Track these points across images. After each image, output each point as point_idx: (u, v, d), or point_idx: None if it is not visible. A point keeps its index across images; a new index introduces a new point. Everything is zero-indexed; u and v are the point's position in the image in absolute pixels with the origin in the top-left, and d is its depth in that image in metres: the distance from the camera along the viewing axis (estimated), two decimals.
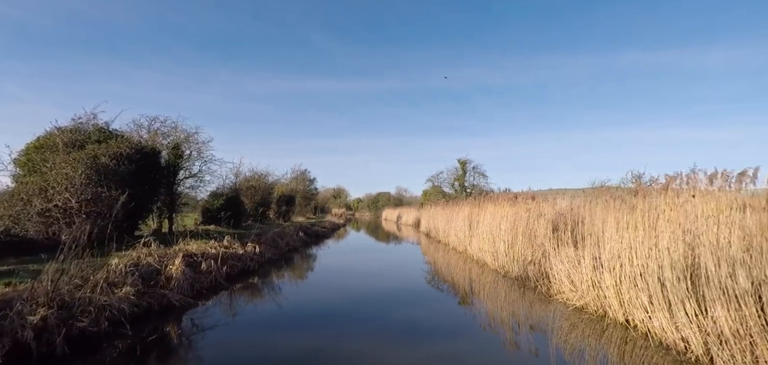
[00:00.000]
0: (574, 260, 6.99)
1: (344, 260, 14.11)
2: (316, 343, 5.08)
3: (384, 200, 67.09)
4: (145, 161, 11.37)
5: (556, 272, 7.55)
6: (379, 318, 6.56)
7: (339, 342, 5.18)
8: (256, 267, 10.51)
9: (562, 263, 7.38)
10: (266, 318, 6.39)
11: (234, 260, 9.75)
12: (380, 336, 5.55)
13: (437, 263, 13.38)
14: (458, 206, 17.52)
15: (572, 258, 7.04)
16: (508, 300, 7.76)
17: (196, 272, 7.92)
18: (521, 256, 9.75)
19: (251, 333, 5.64)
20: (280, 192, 28.49)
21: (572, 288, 6.82)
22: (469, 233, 14.61)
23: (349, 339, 5.33)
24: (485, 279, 9.94)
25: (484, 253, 11.95)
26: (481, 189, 31.03)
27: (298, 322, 6.20)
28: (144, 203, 11.89)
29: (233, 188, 20.92)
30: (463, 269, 11.74)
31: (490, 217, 12.09)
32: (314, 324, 6.11)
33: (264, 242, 13.58)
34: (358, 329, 5.90)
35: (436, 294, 8.83)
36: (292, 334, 5.50)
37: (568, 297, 6.91)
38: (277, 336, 5.52)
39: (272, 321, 6.28)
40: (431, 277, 10.74)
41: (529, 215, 10.16)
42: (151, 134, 14.56)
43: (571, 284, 6.87)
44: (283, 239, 15.55)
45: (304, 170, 39.21)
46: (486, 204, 13.09)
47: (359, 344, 5.15)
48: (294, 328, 5.84)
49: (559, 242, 8.16)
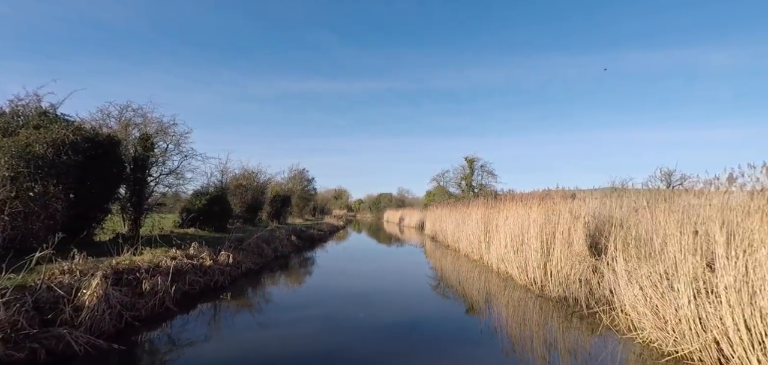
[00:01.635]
0: (658, 281, 4.90)
1: (339, 270, 12.05)
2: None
3: (386, 201, 65.27)
4: (97, 151, 9.36)
5: (625, 298, 5.47)
6: (379, 356, 4.54)
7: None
8: (227, 282, 8.47)
9: (635, 286, 5.30)
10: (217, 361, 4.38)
11: (197, 274, 7.72)
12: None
13: (448, 274, 11.30)
14: (469, 207, 15.44)
15: (655, 280, 4.95)
16: (563, 339, 5.67)
17: (134, 294, 5.89)
18: (562, 270, 7.67)
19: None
20: (274, 192, 26.48)
21: (660, 324, 4.73)
22: (485, 238, 12.52)
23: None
24: (514, 299, 7.86)
25: (507, 264, 9.87)
26: (491, 189, 28.94)
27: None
28: (98, 202, 9.89)
29: (219, 186, 18.92)
30: (482, 283, 9.67)
31: (513, 220, 10.01)
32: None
33: (245, 249, 11.55)
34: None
35: (454, 320, 6.76)
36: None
37: (651, 336, 4.84)
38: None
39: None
40: (443, 293, 8.68)
41: (565, 219, 8.09)
42: (122, 124, 12.61)
43: (657, 317, 4.79)
44: (270, 245, 13.51)
45: (302, 169, 37.19)
46: (506, 204, 11.02)
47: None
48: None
49: (617, 252, 6.09)
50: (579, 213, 8.34)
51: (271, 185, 27.47)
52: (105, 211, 10.18)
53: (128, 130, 12.61)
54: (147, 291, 6.10)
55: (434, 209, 24.75)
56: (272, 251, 13.20)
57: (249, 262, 10.74)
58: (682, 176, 19.88)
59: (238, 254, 10.53)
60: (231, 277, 8.85)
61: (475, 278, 10.43)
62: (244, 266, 10.06)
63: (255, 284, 9.01)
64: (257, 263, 11.23)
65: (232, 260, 9.29)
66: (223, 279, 8.41)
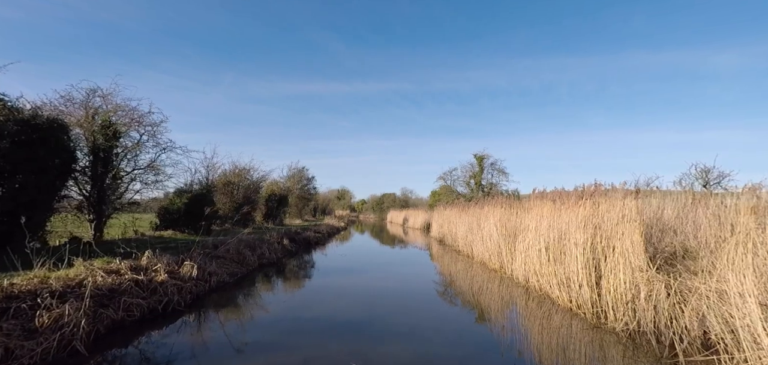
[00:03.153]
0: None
1: (334, 284, 10.16)
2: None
3: (389, 201, 63.43)
4: (31, 137, 7.55)
5: (755, 334, 3.52)
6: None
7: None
8: (186, 302, 6.60)
9: None
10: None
11: (139, 294, 5.85)
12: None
13: (465, 289, 9.36)
14: (484, 207, 13.48)
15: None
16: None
17: (24, 331, 4.03)
18: (623, 290, 5.72)
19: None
20: (269, 191, 24.66)
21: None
22: (507, 245, 10.56)
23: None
24: (559, 329, 5.91)
25: (541, 278, 7.92)
26: (503, 190, 26.96)
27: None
28: (37, 198, 8.06)
29: (204, 184, 17.12)
30: (511, 304, 7.72)
31: (548, 223, 8.06)
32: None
33: (220, 256, 9.69)
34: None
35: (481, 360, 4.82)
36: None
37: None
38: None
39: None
40: (464, 318, 6.75)
41: (631, 221, 6.13)
42: (88, 111, 10.82)
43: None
44: (255, 250, 11.64)
45: (302, 168, 35.35)
46: (535, 204, 9.06)
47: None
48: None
49: (730, 267, 4.14)
50: (635, 216, 6.40)
51: (267, 184, 25.67)
52: (45, 210, 8.34)
53: (95, 118, 10.83)
54: (45, 325, 4.23)
55: (442, 210, 22.79)
56: (257, 258, 11.32)
57: (224, 273, 8.87)
58: (720, 174, 17.76)
59: (211, 263, 8.67)
60: (193, 295, 6.98)
61: (503, 297, 8.49)
62: (215, 279, 8.18)
63: (224, 304, 7.11)
64: (235, 274, 9.35)
65: (196, 272, 7.41)
66: (181, 299, 6.53)
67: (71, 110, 10.67)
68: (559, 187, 9.04)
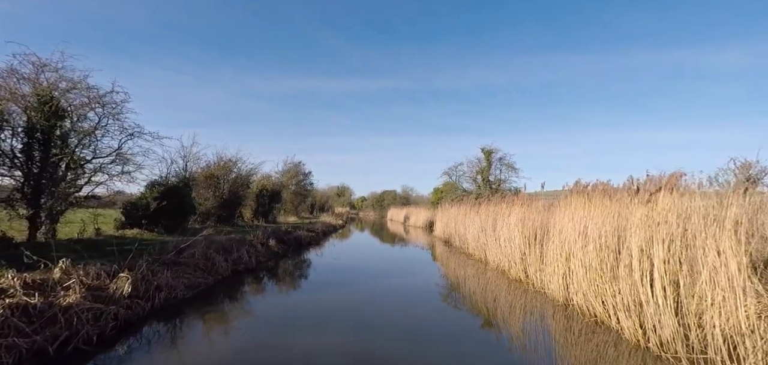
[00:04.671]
0: None
1: (321, 300, 8.29)
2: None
3: (390, 198, 61.55)
4: None
5: None
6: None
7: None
8: (103, 334, 4.72)
9: None
10: None
11: (15, 331, 3.96)
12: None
13: (482, 304, 7.48)
14: (500, 206, 11.58)
15: None
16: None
17: None
18: (721, 320, 3.82)
19: None
20: (260, 186, 22.76)
21: None
22: (533, 252, 8.67)
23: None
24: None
25: (588, 299, 6.02)
26: (512, 186, 25.03)
27: None
28: None
29: (182, 176, 15.24)
30: (544, 327, 5.83)
31: (595, 226, 6.17)
32: None
33: (183, 263, 7.82)
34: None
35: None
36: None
37: None
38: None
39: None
40: (489, 347, 4.88)
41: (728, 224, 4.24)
42: (36, 89, 8.94)
43: None
44: (230, 254, 9.77)
45: (298, 162, 33.41)
46: (574, 201, 7.16)
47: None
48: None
49: None
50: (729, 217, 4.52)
51: (258, 178, 23.79)
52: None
53: (31, 94, 8.95)
54: None
55: (447, 209, 20.88)
56: (231, 264, 9.45)
57: (181, 285, 6.99)
58: (761, 169, 15.81)
59: (163, 272, 6.80)
60: (121, 322, 5.08)
61: (529, 314, 6.61)
62: (164, 294, 6.30)
63: (160, 337, 5.23)
64: (197, 286, 7.48)
65: (130, 288, 5.53)
66: (97, 329, 4.64)
67: (11, 85, 8.79)
68: (561, 186, 7.22)
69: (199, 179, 16.13)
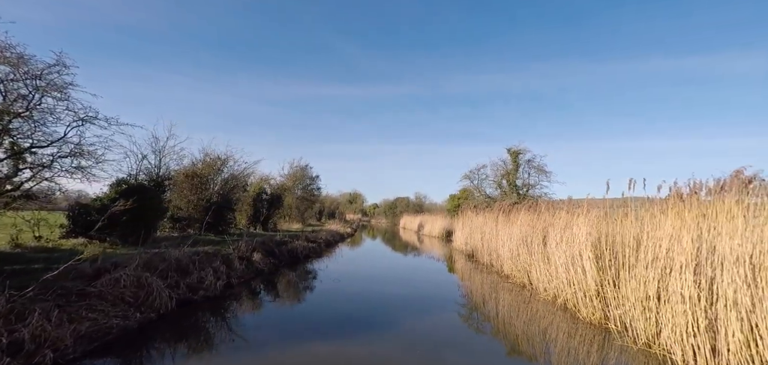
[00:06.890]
0: None
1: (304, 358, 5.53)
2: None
3: (402, 206, 58.75)
4: None
5: None
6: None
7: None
8: None
9: None
10: None
11: None
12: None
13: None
14: (559, 214, 8.64)
15: None
16: None
17: None
18: None
19: None
20: (257, 189, 20.30)
21: None
22: (611, 280, 5.70)
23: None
24: None
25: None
26: (543, 193, 21.91)
27: None
28: None
29: (154, 175, 12.82)
30: None
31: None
32: None
33: (94, 294, 5.23)
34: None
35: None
36: None
37: None
38: None
39: None
40: None
41: None
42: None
43: None
44: (186, 276, 7.14)
45: (305, 165, 31.02)
46: (676, 210, 4.22)
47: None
48: None
49: None
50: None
51: (257, 182, 21.37)
52: None
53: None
54: None
55: (471, 216, 17.86)
56: (183, 291, 6.79)
57: (77, 333, 4.36)
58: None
59: (53, 311, 4.19)
60: None
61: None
62: (36, 350, 3.68)
63: None
64: (109, 331, 4.84)
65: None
66: None
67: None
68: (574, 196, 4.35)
69: (177, 179, 13.70)
